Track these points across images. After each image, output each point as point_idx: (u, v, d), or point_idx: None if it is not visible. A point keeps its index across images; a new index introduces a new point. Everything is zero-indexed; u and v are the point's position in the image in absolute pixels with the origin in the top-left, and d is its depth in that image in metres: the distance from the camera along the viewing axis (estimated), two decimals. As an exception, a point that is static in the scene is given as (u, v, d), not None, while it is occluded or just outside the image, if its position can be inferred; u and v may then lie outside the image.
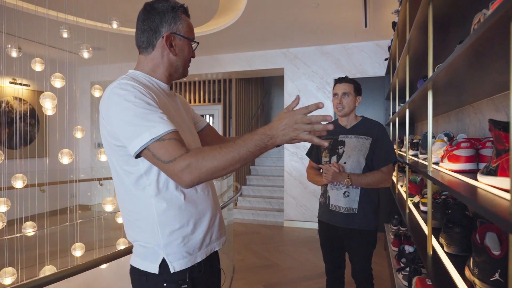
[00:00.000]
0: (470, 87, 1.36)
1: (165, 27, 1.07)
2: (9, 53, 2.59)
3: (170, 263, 1.01)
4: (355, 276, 2.05)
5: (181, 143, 0.91)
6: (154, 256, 1.01)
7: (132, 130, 0.91)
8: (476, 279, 0.95)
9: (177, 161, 0.88)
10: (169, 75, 1.13)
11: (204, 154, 0.89)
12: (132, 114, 0.91)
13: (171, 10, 1.08)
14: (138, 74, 1.09)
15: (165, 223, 1.01)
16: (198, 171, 0.88)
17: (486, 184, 0.82)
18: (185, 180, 0.89)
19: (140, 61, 1.12)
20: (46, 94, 2.34)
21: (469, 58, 0.89)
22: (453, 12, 1.45)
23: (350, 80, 2.04)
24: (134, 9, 3.85)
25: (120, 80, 0.99)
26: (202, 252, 1.08)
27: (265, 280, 3.34)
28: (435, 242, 1.39)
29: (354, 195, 1.94)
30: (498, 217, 0.52)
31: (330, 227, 2.04)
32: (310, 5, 3.74)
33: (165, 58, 1.09)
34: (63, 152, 2.60)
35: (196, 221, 1.06)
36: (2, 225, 2.34)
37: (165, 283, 1.01)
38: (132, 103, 0.92)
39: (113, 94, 0.96)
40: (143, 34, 1.09)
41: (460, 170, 1.14)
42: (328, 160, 2.02)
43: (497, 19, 0.54)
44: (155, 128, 0.89)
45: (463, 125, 2.01)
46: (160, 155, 0.89)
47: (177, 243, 1.02)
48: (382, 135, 1.96)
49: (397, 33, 2.60)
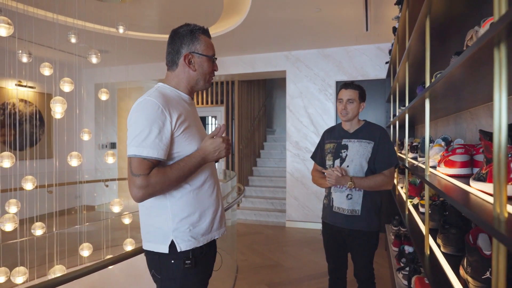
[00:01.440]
0: (466, 95, 1.42)
1: (185, 48, 1.30)
2: (20, 59, 2.66)
3: (178, 244, 1.23)
4: (357, 275, 2.10)
5: (153, 167, 1.17)
6: (164, 238, 1.24)
7: (132, 139, 1.17)
8: (469, 277, 1.02)
9: (141, 177, 1.14)
10: (190, 87, 1.35)
11: (160, 177, 1.16)
12: (140, 129, 1.16)
13: (190, 33, 1.29)
14: (166, 87, 1.32)
15: (176, 211, 1.25)
16: (151, 191, 1.16)
17: (477, 189, 0.89)
18: (138, 196, 1.15)
19: (168, 76, 1.36)
20: (56, 99, 2.41)
21: (463, 72, 0.95)
22: (450, 22, 1.51)
23: (356, 86, 2.08)
24: (139, 13, 3.95)
25: (147, 97, 1.21)
26: (204, 238, 1.30)
27: (268, 280, 3.41)
28: (432, 243, 1.45)
29: (357, 197, 1.99)
30: (482, 221, 0.59)
31: (334, 228, 2.09)
32: (313, 9, 3.81)
33: (186, 74, 1.32)
34: (72, 154, 2.67)
35: (201, 212, 1.29)
36: (15, 225, 2.41)
37: (173, 260, 1.24)
38: (145, 120, 1.17)
39: (137, 107, 1.22)
40: (169, 56, 1.33)
41: (455, 174, 1.21)
42: (331, 163, 2.08)
43: (482, 44, 0.61)
44: (145, 148, 1.15)
45: (461, 129, 2.08)
46: (134, 168, 1.15)
47: (184, 228, 1.25)
48: (384, 139, 2.00)
49: (397, 39, 2.66)
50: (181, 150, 1.24)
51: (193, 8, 3.93)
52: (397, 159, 2.02)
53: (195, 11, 4.05)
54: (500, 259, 0.59)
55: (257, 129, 7.60)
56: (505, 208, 0.58)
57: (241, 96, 6.80)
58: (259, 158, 7.47)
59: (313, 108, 5.46)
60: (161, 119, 1.17)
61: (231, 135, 6.75)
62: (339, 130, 2.15)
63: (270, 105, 8.95)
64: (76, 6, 3.07)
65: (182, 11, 4.02)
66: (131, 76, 6.42)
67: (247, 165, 7.01)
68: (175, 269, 1.23)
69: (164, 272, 1.25)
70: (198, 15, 4.18)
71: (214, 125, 7.50)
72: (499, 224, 0.57)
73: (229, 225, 4.15)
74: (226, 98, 6.75)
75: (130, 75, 6.36)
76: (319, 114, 5.42)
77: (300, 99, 5.52)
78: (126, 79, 6.39)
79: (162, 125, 1.17)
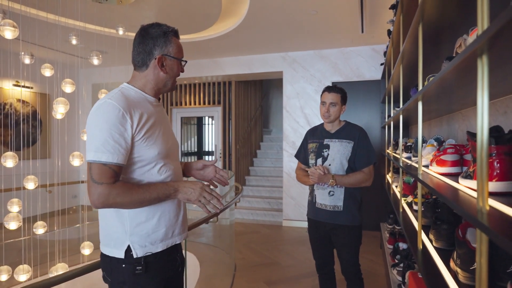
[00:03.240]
0: (457, 97, 1.50)
1: (157, 50, 1.26)
2: (22, 60, 2.70)
3: (134, 250, 1.20)
4: (344, 272, 2.19)
5: (115, 174, 1.14)
6: (120, 243, 1.20)
7: (90, 143, 1.14)
8: (459, 269, 1.09)
9: (103, 186, 1.11)
10: (158, 89, 1.33)
11: (123, 190, 1.13)
12: (99, 133, 1.13)
13: (163, 35, 1.26)
14: (131, 88, 1.29)
15: (133, 216, 1.21)
16: (111, 202, 1.12)
17: (465, 186, 0.96)
18: (96, 203, 1.12)
19: (135, 76, 1.33)
20: (59, 100, 2.46)
21: (453, 78, 1.02)
22: (442, 28, 1.59)
23: (338, 90, 2.18)
24: (138, 15, 3.99)
25: (108, 99, 1.17)
26: (164, 244, 1.26)
27: (266, 278, 3.47)
28: (425, 238, 1.52)
29: (338, 193, 2.11)
30: (467, 214, 0.66)
31: (318, 223, 2.21)
32: (309, 12, 3.88)
33: (156, 76, 1.29)
34: (74, 154, 2.71)
35: (160, 216, 1.25)
36: (19, 224, 2.45)
37: (124, 264, 1.20)
38: (105, 124, 1.13)
39: (97, 109, 1.17)
40: (138, 56, 1.28)
41: (446, 173, 1.28)
42: (314, 162, 2.20)
43: (467, 55, 0.68)
44: (104, 154, 1.12)
45: (453, 129, 2.16)
46: (94, 174, 1.12)
47: (141, 233, 1.22)
48: (363, 139, 2.13)
49: (392, 42, 2.74)
50: (142, 154, 1.21)
51: (192, 9, 3.99)
52: (375, 158, 2.15)
53: (193, 13, 4.10)
54: (482, 248, 0.66)
55: (253, 129, 7.67)
56: (487, 202, 0.65)
57: (238, 96, 6.86)
58: (256, 158, 7.53)
59: (309, 109, 5.53)
60: (121, 123, 1.14)
61: (228, 135, 6.81)
62: (321, 130, 2.26)
63: (267, 105, 9.02)
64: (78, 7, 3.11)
65: (180, 13, 4.07)
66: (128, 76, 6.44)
67: (244, 165, 7.07)
68: (125, 274, 1.20)
69: (114, 276, 1.22)
70: (196, 17, 4.23)
71: (211, 125, 7.55)
72: (482, 216, 0.64)
73: (227, 225, 4.22)
74: (223, 99, 6.80)
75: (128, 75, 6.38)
76: (316, 114, 5.49)
77: (297, 99, 5.59)
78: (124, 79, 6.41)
79: (122, 129, 1.14)
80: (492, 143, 0.82)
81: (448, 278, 1.14)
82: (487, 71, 0.64)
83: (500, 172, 0.82)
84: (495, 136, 0.84)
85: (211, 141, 7.62)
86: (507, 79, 1.02)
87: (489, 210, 0.65)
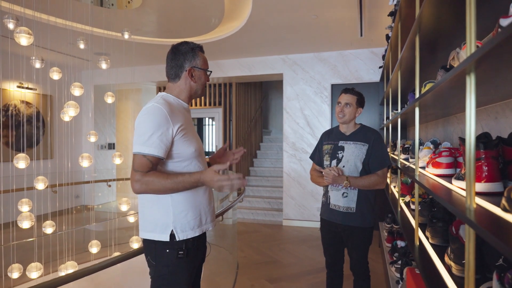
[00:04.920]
0: (451, 104, 1.60)
1: (187, 63, 1.52)
2: (32, 64, 2.78)
3: (177, 234, 1.42)
4: (353, 269, 2.27)
5: (152, 165, 1.36)
6: (165, 228, 1.41)
7: (138, 138, 1.36)
8: (452, 263, 1.19)
9: (138, 173, 1.34)
10: (190, 96, 1.58)
11: (154, 178, 1.34)
12: (145, 130, 1.35)
13: (191, 51, 1.53)
14: (170, 96, 1.52)
15: (176, 206, 1.43)
16: (145, 187, 1.35)
17: (457, 187, 1.05)
18: (135, 188, 1.35)
19: (169, 87, 1.56)
20: (70, 103, 2.54)
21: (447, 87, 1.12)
22: (438, 38, 1.69)
23: (355, 92, 2.23)
24: (142, 19, 4.08)
25: (155, 103, 1.40)
26: (200, 229, 1.49)
27: (268, 275, 3.56)
28: (422, 235, 1.62)
29: (352, 195, 2.15)
30: (457, 211, 0.76)
31: (331, 224, 2.25)
32: (310, 16, 3.98)
33: (188, 85, 1.54)
34: (84, 156, 2.80)
35: (197, 205, 1.48)
36: (31, 223, 2.54)
37: (167, 249, 1.42)
38: (151, 123, 1.35)
39: (146, 111, 1.39)
40: (172, 69, 1.53)
41: (441, 174, 1.38)
42: (328, 163, 2.23)
43: (458, 72, 0.78)
44: (147, 147, 1.34)
45: (449, 132, 2.26)
46: (135, 164, 1.36)
47: (182, 220, 1.44)
48: (378, 142, 2.17)
49: (391, 47, 2.84)
50: (181, 151, 1.44)
51: (195, 13, 4.07)
52: (390, 161, 2.19)
53: (196, 17, 4.19)
54: (470, 241, 0.75)
55: (253, 130, 7.76)
56: (474, 201, 0.74)
57: (239, 97, 6.96)
58: (256, 158, 7.62)
59: (309, 110, 5.63)
60: (165, 125, 1.36)
61: (229, 136, 6.90)
62: (336, 132, 2.31)
63: (266, 106, 9.12)
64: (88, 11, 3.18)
65: (183, 17, 4.16)
66: (129, 78, 6.53)
67: (245, 165, 7.16)
68: (170, 258, 1.41)
69: (158, 259, 1.43)
70: (199, 21, 4.32)
71: (211, 126, 7.63)
72: (470, 213, 0.73)
73: (230, 224, 4.30)
74: (224, 100, 6.89)
75: (129, 77, 6.47)
76: (315, 116, 5.59)
77: (297, 101, 5.69)
78: (126, 81, 6.50)
79: (165, 129, 1.36)
80: (481, 148, 0.92)
81: (443, 271, 1.23)
82: (474, 86, 0.73)
83: (488, 174, 0.92)
84: (483, 142, 0.93)
85: (212, 142, 7.71)
86: (497, 89, 1.11)
87: (476, 207, 0.74)
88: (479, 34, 1.44)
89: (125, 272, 3.27)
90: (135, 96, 8.10)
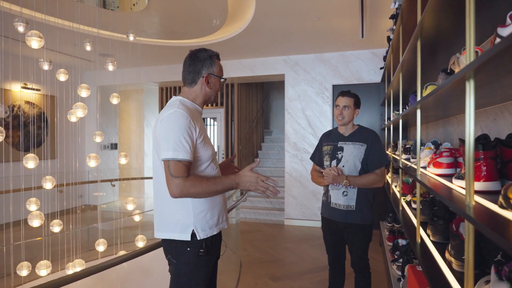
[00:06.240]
0: (452, 106, 1.65)
1: (205, 70, 1.57)
2: (41, 66, 2.83)
3: (197, 233, 1.47)
4: (354, 266, 2.33)
5: (188, 169, 1.40)
6: (186, 228, 1.46)
7: (168, 144, 1.38)
8: (452, 258, 1.24)
9: (179, 179, 1.37)
10: (204, 101, 1.64)
11: (196, 183, 1.39)
12: (175, 136, 1.38)
13: (209, 58, 1.58)
14: (186, 101, 1.57)
15: (196, 207, 1.49)
16: (186, 192, 1.38)
17: (457, 186, 1.11)
18: (175, 193, 1.38)
19: (185, 91, 1.62)
20: (78, 105, 2.59)
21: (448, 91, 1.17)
22: (439, 42, 1.74)
23: (352, 94, 2.32)
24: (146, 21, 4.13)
25: (177, 109, 1.44)
26: (217, 227, 1.56)
27: (270, 274, 3.62)
28: (423, 233, 1.68)
29: (352, 194, 2.23)
30: (457, 208, 0.81)
31: (332, 222, 2.33)
32: (311, 18, 4.04)
33: (203, 91, 1.60)
34: (91, 156, 2.85)
35: (215, 205, 1.54)
36: (41, 222, 2.59)
37: (188, 248, 1.47)
38: (178, 128, 1.39)
39: (170, 117, 1.43)
40: (189, 74, 1.58)
41: (442, 174, 1.43)
42: (328, 163, 2.32)
43: (458, 78, 0.83)
44: (180, 152, 1.37)
45: (449, 133, 2.31)
46: (172, 170, 1.38)
47: (202, 220, 1.49)
48: (376, 142, 2.26)
49: (392, 49, 2.89)
50: (202, 154, 1.50)
51: (198, 15, 4.13)
52: (387, 160, 2.27)
53: (199, 19, 4.24)
54: (470, 236, 0.80)
55: (255, 130, 7.81)
56: (473, 198, 0.80)
57: (240, 98, 7.01)
58: (257, 159, 7.66)
59: (310, 111, 5.68)
60: (190, 128, 1.42)
61: (231, 136, 6.95)
62: (335, 133, 2.39)
63: (267, 106, 9.17)
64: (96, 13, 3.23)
65: (186, 19, 4.21)
66: (132, 79, 6.58)
67: (246, 165, 7.19)
68: (190, 256, 1.47)
69: (180, 258, 1.48)
70: (202, 22, 4.37)
71: (213, 126, 7.69)
72: (469, 210, 0.78)
73: (233, 223, 4.36)
74: (226, 100, 6.95)
75: (132, 78, 6.52)
76: (316, 116, 5.65)
77: (298, 101, 5.74)
78: (129, 82, 6.55)
79: (190, 132, 1.41)
80: (480, 149, 0.97)
81: (444, 267, 1.29)
82: (473, 90, 0.79)
83: (486, 173, 0.97)
84: (482, 143, 0.99)
85: (213, 142, 7.76)
86: (496, 92, 1.17)
87: (475, 205, 0.80)
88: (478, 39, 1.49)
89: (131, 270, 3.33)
90: (138, 97, 8.16)
